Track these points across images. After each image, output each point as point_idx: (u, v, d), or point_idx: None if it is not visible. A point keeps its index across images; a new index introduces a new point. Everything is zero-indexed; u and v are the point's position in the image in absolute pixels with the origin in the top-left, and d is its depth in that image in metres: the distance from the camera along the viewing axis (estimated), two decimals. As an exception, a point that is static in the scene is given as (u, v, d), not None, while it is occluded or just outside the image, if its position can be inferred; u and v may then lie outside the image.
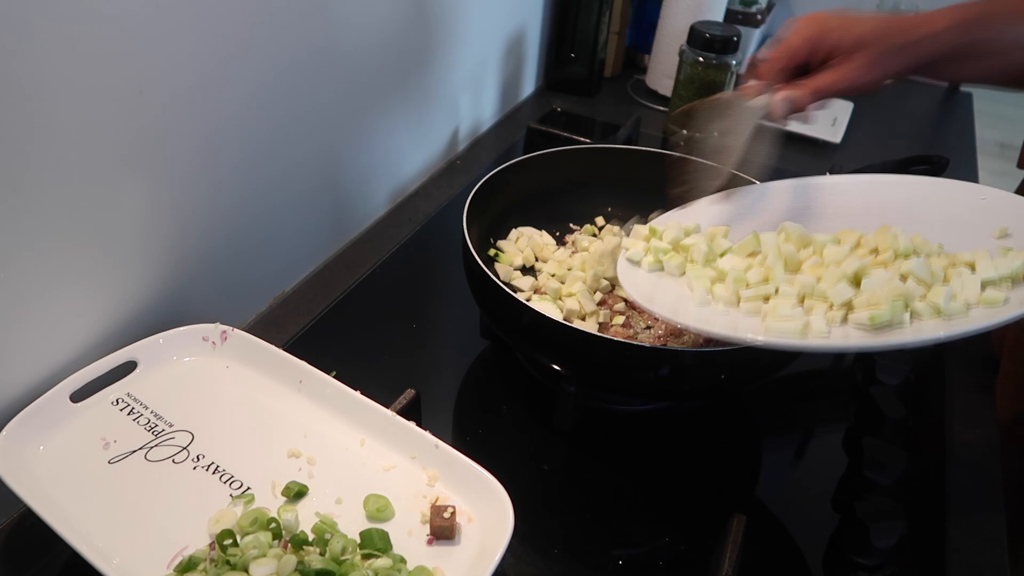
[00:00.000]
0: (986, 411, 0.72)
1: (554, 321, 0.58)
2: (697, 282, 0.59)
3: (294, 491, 0.52)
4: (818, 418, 0.72)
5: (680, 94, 1.10)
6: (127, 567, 0.47)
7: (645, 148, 0.80)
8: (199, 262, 0.67)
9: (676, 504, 0.62)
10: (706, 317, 0.56)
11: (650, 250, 0.64)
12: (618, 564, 0.56)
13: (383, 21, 0.80)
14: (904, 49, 0.58)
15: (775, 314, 0.53)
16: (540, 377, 0.71)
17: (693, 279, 0.59)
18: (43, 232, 0.52)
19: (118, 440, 0.55)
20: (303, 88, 0.71)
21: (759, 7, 1.31)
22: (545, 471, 0.63)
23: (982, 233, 0.56)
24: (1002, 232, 0.55)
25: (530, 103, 1.24)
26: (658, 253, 0.63)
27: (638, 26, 1.34)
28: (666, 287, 0.61)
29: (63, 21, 0.48)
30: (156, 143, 0.58)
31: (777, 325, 0.52)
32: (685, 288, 0.60)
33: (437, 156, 1.02)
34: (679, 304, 0.58)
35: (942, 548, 0.59)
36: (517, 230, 0.80)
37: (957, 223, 0.57)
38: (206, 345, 0.63)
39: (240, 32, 0.62)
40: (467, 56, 1.01)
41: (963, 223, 0.57)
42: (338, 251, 0.86)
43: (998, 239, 0.55)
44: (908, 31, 0.58)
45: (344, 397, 0.58)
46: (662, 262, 0.63)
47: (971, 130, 1.27)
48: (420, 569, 0.48)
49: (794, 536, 0.60)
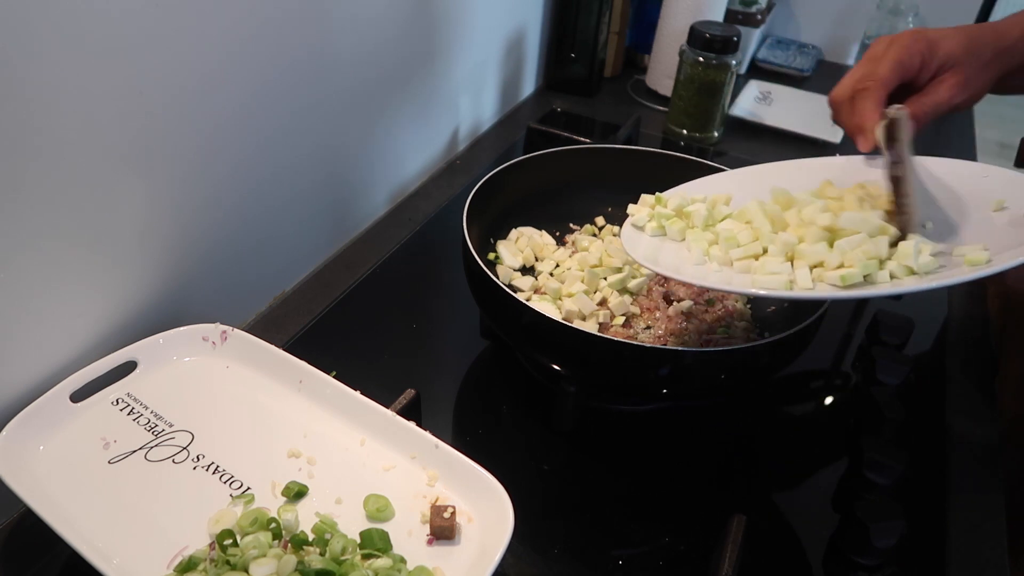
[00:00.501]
0: (986, 411, 0.72)
1: (554, 321, 0.58)
2: (695, 243, 0.60)
3: (294, 491, 0.52)
4: (818, 418, 0.72)
5: (680, 94, 1.10)
6: (127, 567, 0.47)
7: (645, 148, 0.80)
8: (199, 262, 0.67)
9: (676, 504, 0.62)
10: (702, 274, 0.58)
11: (654, 216, 0.65)
12: (618, 564, 0.56)
13: (383, 21, 0.80)
14: (992, 64, 0.58)
15: (763, 270, 0.55)
16: (540, 377, 0.71)
17: (691, 241, 0.61)
18: (43, 232, 0.52)
19: (118, 440, 0.55)
20: (303, 88, 0.71)
21: (759, 7, 1.31)
22: (545, 471, 0.63)
23: (983, 207, 0.56)
24: (998, 204, 0.56)
25: (530, 103, 1.24)
26: (661, 219, 0.64)
27: (638, 26, 1.34)
28: (668, 250, 0.63)
29: (63, 20, 0.48)
30: (156, 143, 0.58)
31: (765, 279, 0.54)
32: (686, 251, 0.62)
33: (437, 156, 1.02)
34: (679, 264, 0.60)
35: (942, 548, 0.59)
36: (517, 230, 0.80)
37: (958, 197, 0.58)
38: (206, 345, 0.63)
39: (240, 32, 0.62)
40: (467, 56, 1.01)
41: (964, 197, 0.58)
42: (338, 251, 0.86)
43: (995, 211, 0.55)
44: (991, 44, 0.58)
45: (344, 397, 0.58)
46: (664, 227, 0.64)
47: (971, 130, 1.27)
48: (420, 569, 0.48)
49: (794, 536, 0.60)
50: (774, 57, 1.40)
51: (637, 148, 0.80)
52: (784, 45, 1.47)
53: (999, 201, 0.56)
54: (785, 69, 1.38)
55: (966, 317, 0.84)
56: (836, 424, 0.70)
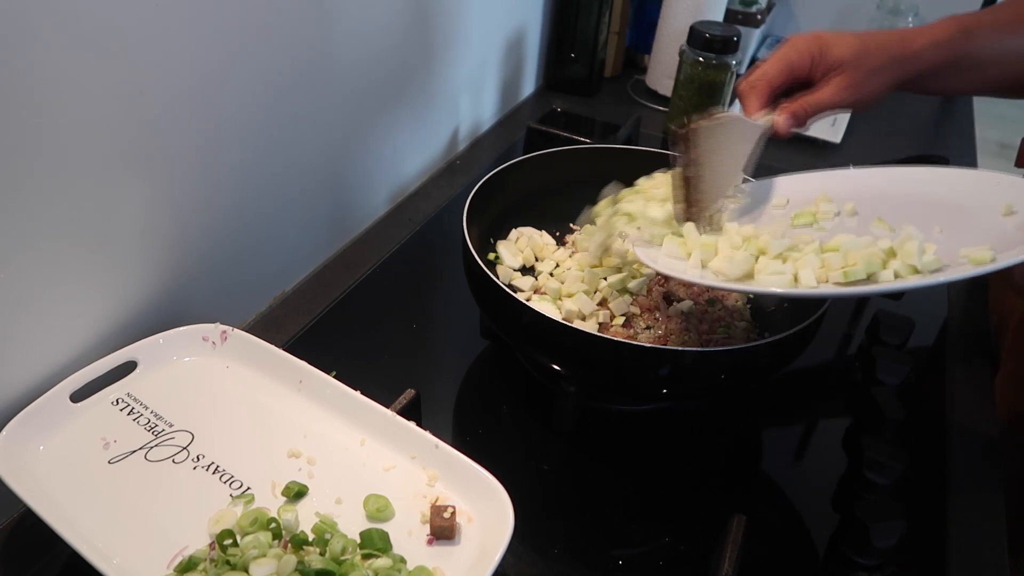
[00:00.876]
0: (986, 411, 0.72)
1: (554, 321, 0.58)
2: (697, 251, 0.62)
3: (294, 491, 0.52)
4: (818, 418, 0.72)
5: (680, 94, 1.10)
6: (127, 567, 0.47)
7: (645, 148, 0.80)
8: (199, 262, 0.67)
9: (676, 504, 0.62)
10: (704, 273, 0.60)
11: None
12: (618, 564, 0.56)
13: (384, 22, 0.80)
14: (884, 69, 0.61)
15: (767, 270, 0.57)
16: (540, 377, 0.71)
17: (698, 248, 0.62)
18: (43, 232, 0.52)
19: (118, 440, 0.55)
20: (303, 88, 0.71)
21: (759, 7, 1.31)
22: (545, 471, 0.63)
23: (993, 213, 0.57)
24: (1007, 209, 0.56)
25: (530, 103, 1.24)
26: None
27: (638, 26, 1.34)
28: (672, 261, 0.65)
29: (63, 20, 0.48)
30: (156, 143, 0.58)
31: (768, 278, 0.55)
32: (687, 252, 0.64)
33: (437, 156, 1.02)
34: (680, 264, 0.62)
35: (942, 548, 0.59)
36: (517, 230, 0.80)
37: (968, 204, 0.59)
38: (206, 345, 0.63)
39: (241, 32, 0.62)
40: (467, 56, 1.01)
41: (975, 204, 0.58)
42: (338, 251, 0.86)
43: (1004, 216, 0.56)
44: (888, 51, 0.61)
45: (344, 397, 0.58)
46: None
47: (971, 130, 1.27)
48: (420, 569, 0.48)
49: (794, 536, 0.60)
50: (774, 57, 1.40)
51: (637, 148, 0.80)
52: (784, 45, 1.47)
53: (1008, 205, 0.56)
54: (785, 69, 1.38)
55: (966, 317, 0.84)
56: (836, 424, 0.70)
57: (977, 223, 0.56)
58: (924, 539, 0.59)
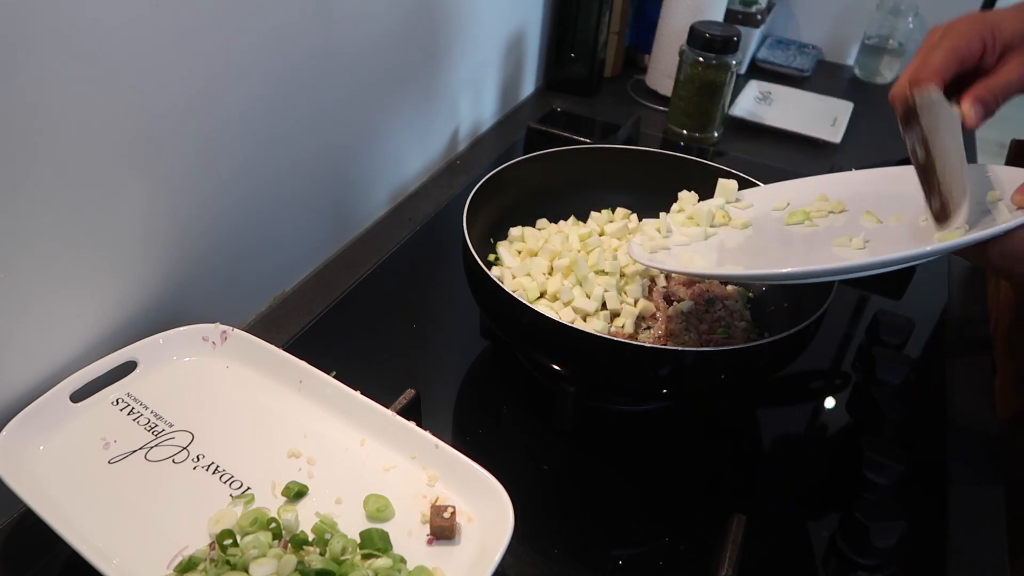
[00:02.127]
0: (986, 411, 0.72)
1: (554, 321, 0.58)
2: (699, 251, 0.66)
3: (294, 491, 0.52)
4: (818, 418, 0.72)
5: (680, 94, 1.10)
6: (127, 567, 0.47)
7: (645, 148, 0.80)
8: (199, 262, 0.67)
9: (676, 504, 0.62)
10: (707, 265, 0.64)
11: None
12: (618, 564, 0.56)
13: (384, 22, 0.80)
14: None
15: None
16: (540, 377, 0.71)
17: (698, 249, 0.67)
18: (43, 232, 0.52)
19: (118, 440, 0.55)
20: (303, 89, 0.71)
21: (759, 7, 1.32)
22: (545, 471, 0.63)
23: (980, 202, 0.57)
24: (995, 196, 0.56)
25: (530, 103, 1.24)
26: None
27: (638, 26, 1.34)
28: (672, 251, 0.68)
29: (63, 20, 0.48)
30: (156, 143, 0.58)
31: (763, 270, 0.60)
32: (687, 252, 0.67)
33: (437, 156, 1.02)
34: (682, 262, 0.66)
35: (942, 548, 0.59)
36: (517, 230, 0.80)
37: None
38: (206, 345, 0.63)
39: (241, 32, 0.62)
40: (467, 56, 1.01)
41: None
42: (338, 251, 0.86)
43: (991, 203, 0.56)
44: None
45: (344, 397, 0.58)
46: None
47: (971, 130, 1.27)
48: (420, 569, 0.48)
49: (794, 536, 0.60)
50: (774, 57, 1.40)
51: (637, 148, 0.80)
52: (784, 45, 1.47)
53: (995, 193, 0.56)
54: (785, 69, 1.38)
55: (966, 317, 0.84)
56: (836, 424, 0.70)
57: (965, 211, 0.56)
58: (924, 539, 0.59)
